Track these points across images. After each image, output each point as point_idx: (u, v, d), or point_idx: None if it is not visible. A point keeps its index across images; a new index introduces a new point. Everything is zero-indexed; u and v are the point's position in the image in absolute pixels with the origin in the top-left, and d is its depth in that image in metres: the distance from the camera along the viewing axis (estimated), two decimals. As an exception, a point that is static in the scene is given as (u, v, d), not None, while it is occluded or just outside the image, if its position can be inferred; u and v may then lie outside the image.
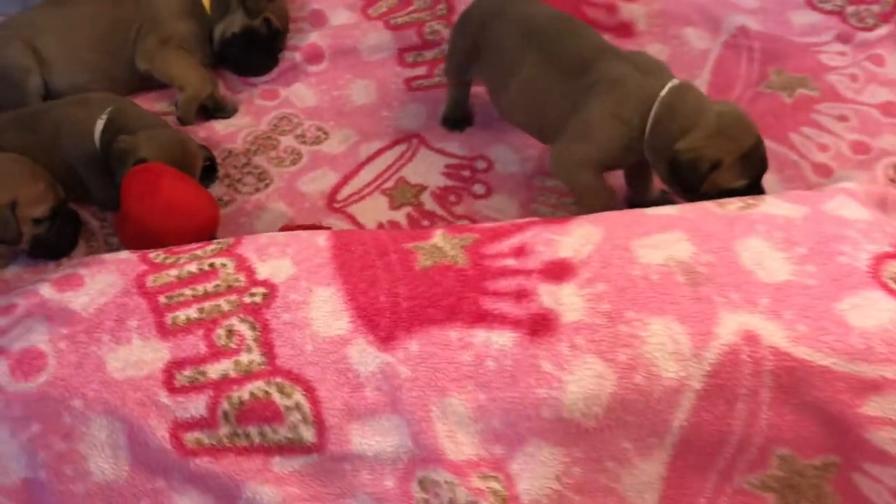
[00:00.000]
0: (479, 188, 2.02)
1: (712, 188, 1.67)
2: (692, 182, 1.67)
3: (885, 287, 1.33)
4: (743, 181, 1.68)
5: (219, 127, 2.19)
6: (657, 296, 1.35)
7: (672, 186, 1.75)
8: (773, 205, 1.52)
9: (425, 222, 1.93)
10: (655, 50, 2.31)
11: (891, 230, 1.46)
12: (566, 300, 1.37)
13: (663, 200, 1.83)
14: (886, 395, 1.26)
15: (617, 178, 1.91)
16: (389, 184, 2.03)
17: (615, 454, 1.33)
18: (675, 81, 1.74)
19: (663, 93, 1.71)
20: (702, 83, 2.19)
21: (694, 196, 1.68)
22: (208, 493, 1.33)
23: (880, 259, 1.37)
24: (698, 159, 1.65)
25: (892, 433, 1.26)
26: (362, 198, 2.00)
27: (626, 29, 2.36)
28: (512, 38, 1.87)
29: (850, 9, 2.35)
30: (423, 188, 2.01)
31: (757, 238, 1.42)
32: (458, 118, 2.14)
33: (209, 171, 2.02)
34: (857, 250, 1.39)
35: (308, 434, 1.33)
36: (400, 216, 1.97)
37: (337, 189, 2.03)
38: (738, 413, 1.30)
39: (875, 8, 2.34)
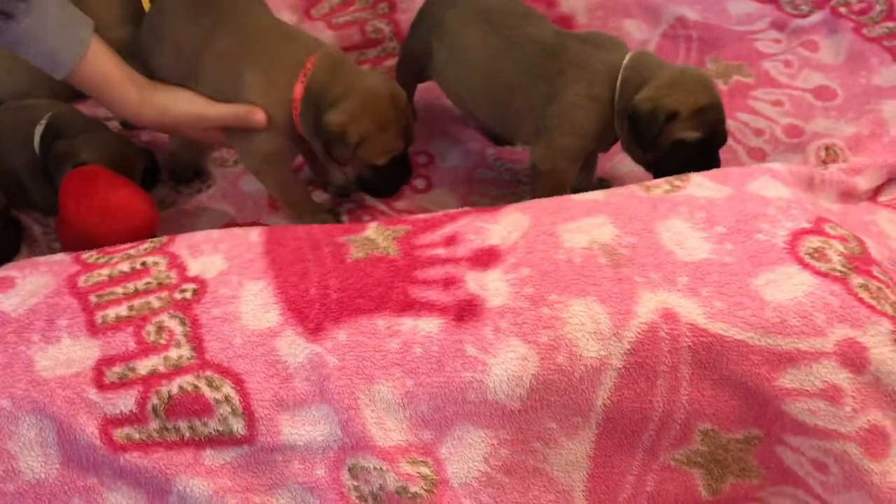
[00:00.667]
0: (420, 182, 2.04)
1: (667, 141, 1.69)
2: (650, 133, 1.68)
3: (800, 262, 1.36)
4: (697, 134, 1.69)
5: (162, 130, 2.20)
6: (579, 278, 1.37)
7: (632, 149, 1.76)
8: (699, 186, 1.54)
9: (366, 217, 1.95)
10: (595, 42, 2.34)
11: (811, 207, 1.49)
12: (491, 286, 1.39)
13: (601, 186, 1.85)
14: (801, 366, 1.29)
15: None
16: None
17: (541, 434, 1.35)
18: (635, 51, 1.78)
19: (625, 62, 1.74)
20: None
21: (653, 155, 1.71)
22: (139, 488, 1.34)
23: (797, 235, 1.40)
24: (656, 109, 1.67)
25: (807, 404, 1.29)
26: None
27: (566, 21, 2.39)
28: (470, 28, 1.85)
29: (786, -4, 2.40)
30: (364, 184, 2.02)
31: (678, 219, 1.45)
32: None
33: (152, 175, 2.03)
34: (775, 227, 1.41)
35: (238, 426, 1.34)
36: (341, 212, 1.98)
37: (279, 188, 2.04)
38: (658, 390, 1.32)
39: (810, -5, 2.38)
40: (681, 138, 1.69)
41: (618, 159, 2.04)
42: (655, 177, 1.67)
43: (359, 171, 1.78)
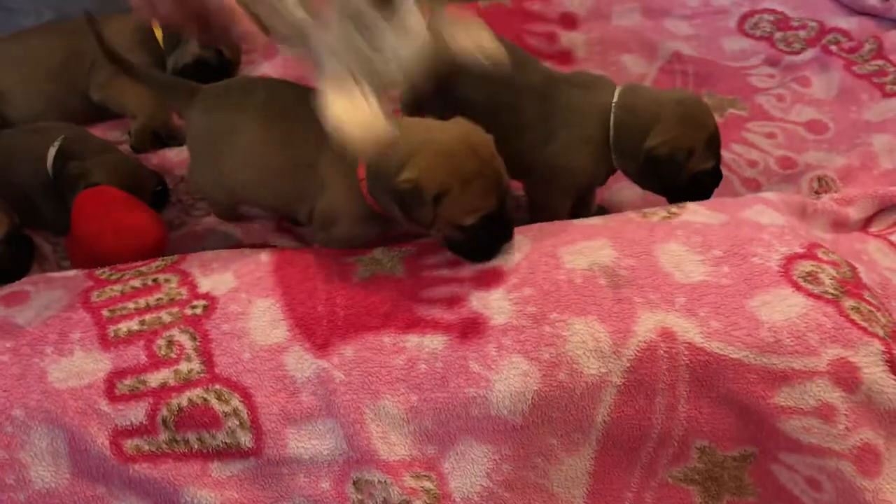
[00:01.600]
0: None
1: (687, 175, 1.72)
2: (674, 175, 1.71)
3: (794, 284, 1.41)
4: (711, 162, 1.74)
5: (171, 154, 2.25)
6: (580, 298, 1.42)
7: (649, 185, 1.79)
8: (695, 213, 1.60)
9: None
10: (594, 75, 2.41)
11: (803, 234, 1.54)
12: (495, 304, 1.43)
13: (601, 213, 1.90)
14: (795, 385, 1.33)
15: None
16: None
17: (542, 450, 1.38)
18: (622, 86, 1.80)
19: (615, 99, 1.76)
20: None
21: (675, 192, 1.74)
22: (148, 498, 1.36)
23: (791, 259, 1.45)
24: (675, 150, 1.69)
25: (802, 422, 1.33)
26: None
27: (566, 56, 2.46)
28: (470, 74, 1.83)
29: (779, 34, 2.48)
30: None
31: (676, 242, 1.49)
32: None
33: (161, 197, 2.08)
34: (769, 251, 1.46)
35: (245, 439, 1.37)
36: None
37: (285, 211, 2.09)
38: (657, 407, 1.36)
39: (802, 33, 2.46)
40: (700, 171, 1.73)
41: (616, 187, 2.09)
42: (671, 202, 1.72)
43: (445, 233, 1.51)
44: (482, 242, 1.52)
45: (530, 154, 1.82)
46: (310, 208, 1.66)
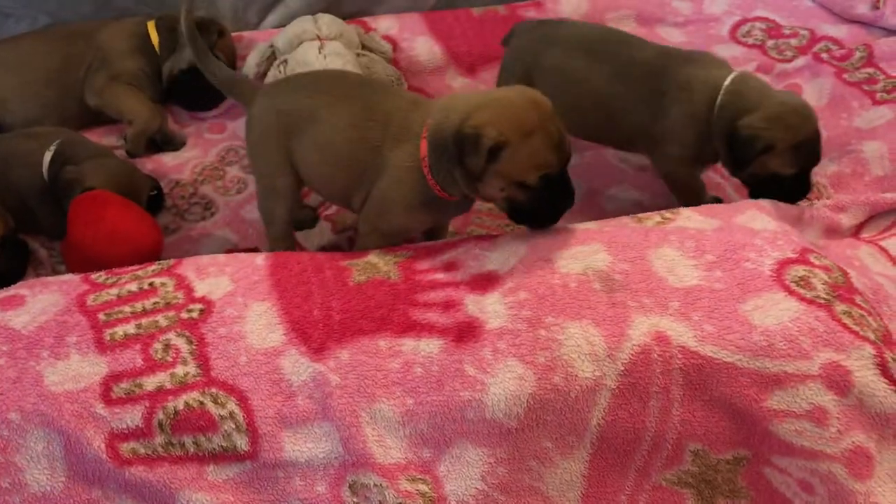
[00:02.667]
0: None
1: (762, 170, 1.79)
2: (743, 158, 1.79)
3: (786, 289, 1.42)
4: (791, 170, 1.79)
5: (167, 159, 2.26)
6: (574, 302, 1.42)
7: (726, 164, 1.86)
8: (689, 218, 1.61)
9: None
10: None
11: (796, 239, 1.56)
12: (490, 308, 1.44)
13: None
14: (788, 388, 1.34)
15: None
16: (331, 210, 2.10)
17: (537, 453, 1.38)
18: (737, 72, 1.87)
19: (727, 82, 1.83)
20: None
21: (743, 176, 1.82)
22: (143, 501, 1.36)
23: (783, 264, 1.47)
24: (754, 138, 1.76)
25: (794, 425, 1.34)
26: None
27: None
28: (577, 62, 1.96)
29: (771, 42, 2.50)
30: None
31: (669, 247, 1.51)
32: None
33: (156, 201, 2.08)
34: (762, 256, 1.48)
35: (241, 442, 1.37)
36: (342, 240, 2.03)
37: (281, 216, 2.10)
38: (651, 410, 1.37)
39: (793, 41, 2.49)
40: (777, 173, 1.78)
41: (611, 193, 2.11)
42: (750, 197, 1.79)
43: (509, 192, 1.51)
44: (545, 204, 1.53)
45: (638, 128, 1.91)
46: (366, 193, 1.69)
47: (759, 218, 1.61)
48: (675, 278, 1.45)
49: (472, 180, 1.52)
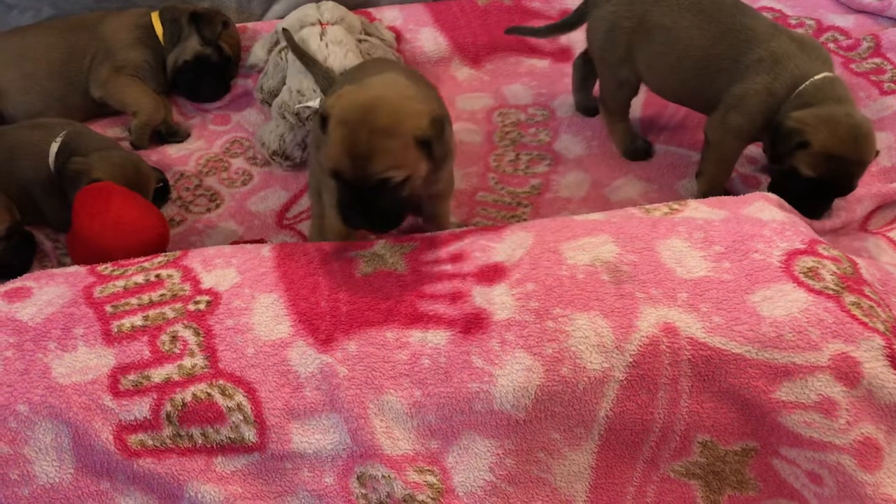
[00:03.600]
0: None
1: (790, 166, 1.77)
2: (779, 148, 1.78)
3: (795, 280, 1.42)
4: (811, 173, 1.76)
5: (171, 150, 2.26)
6: (582, 293, 1.42)
7: (768, 149, 1.85)
8: (696, 209, 1.60)
9: (371, 237, 1.99)
10: (594, 73, 2.42)
11: (804, 229, 1.55)
12: (497, 300, 1.44)
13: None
14: (796, 379, 1.34)
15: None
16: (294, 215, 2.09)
17: (545, 445, 1.38)
18: (832, 74, 1.84)
19: (818, 77, 1.81)
20: (636, 102, 2.28)
21: (777, 167, 1.82)
22: (151, 493, 1.37)
23: (792, 255, 1.46)
24: (793, 131, 1.75)
25: (803, 416, 1.34)
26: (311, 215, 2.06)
27: (565, 54, 2.48)
28: (685, 20, 1.94)
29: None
30: (369, 205, 2.07)
31: (677, 238, 1.50)
32: (638, 147, 2.17)
33: (162, 193, 2.08)
34: (770, 247, 1.47)
35: (249, 434, 1.37)
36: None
37: (287, 207, 2.10)
38: (659, 401, 1.37)
39: (800, 31, 2.46)
40: (795, 167, 1.77)
41: (617, 184, 2.10)
42: (770, 191, 1.77)
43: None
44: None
45: (720, 89, 1.89)
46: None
47: (767, 209, 1.61)
48: (683, 269, 1.44)
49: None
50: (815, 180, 1.77)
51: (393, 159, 1.47)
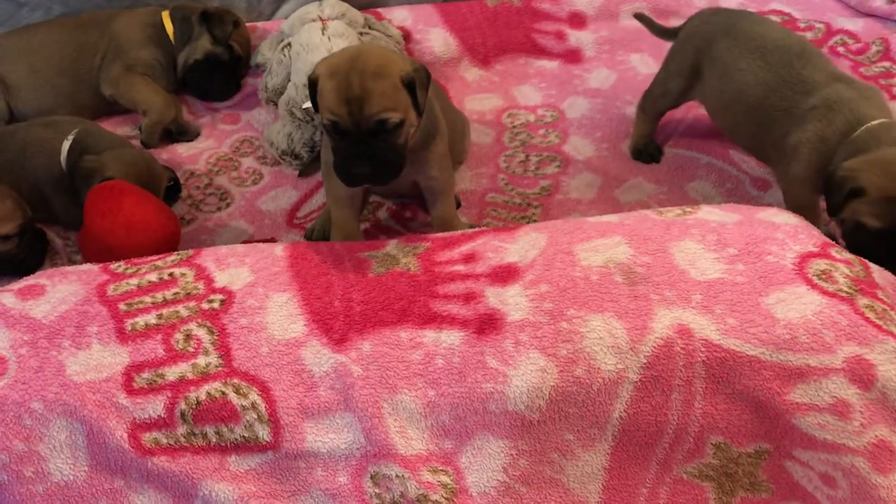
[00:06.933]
0: (434, 204, 2.09)
1: (850, 216, 1.65)
2: (832, 199, 1.67)
3: (809, 282, 1.42)
4: (878, 224, 1.62)
5: (181, 149, 2.26)
6: (596, 294, 1.42)
7: (827, 203, 1.75)
8: (709, 212, 1.60)
9: (382, 237, 2.00)
10: (603, 75, 2.43)
11: (816, 233, 1.55)
12: (511, 300, 1.44)
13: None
14: (811, 382, 1.34)
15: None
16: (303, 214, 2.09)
17: (559, 446, 1.39)
18: (892, 120, 1.75)
19: (873, 123, 1.72)
20: (645, 104, 2.29)
21: (837, 222, 1.70)
22: (165, 491, 1.37)
23: (805, 257, 1.46)
24: (846, 179, 1.64)
25: (817, 418, 1.34)
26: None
27: (574, 55, 2.48)
28: (744, 63, 1.90)
29: (786, 35, 2.49)
30: (380, 205, 2.08)
31: (691, 240, 1.50)
32: (651, 150, 2.17)
33: (172, 192, 2.08)
34: (783, 250, 1.47)
35: (264, 433, 1.37)
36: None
37: (297, 206, 2.10)
38: (673, 403, 1.37)
39: (809, 35, 2.47)
40: (862, 222, 1.63)
41: (626, 186, 2.11)
42: (846, 247, 1.63)
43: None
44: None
45: (777, 141, 1.84)
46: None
47: (780, 213, 1.61)
48: (696, 271, 1.45)
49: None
50: (885, 231, 1.62)
51: (387, 100, 1.55)
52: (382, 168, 1.58)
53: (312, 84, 1.61)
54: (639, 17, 2.29)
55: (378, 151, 1.56)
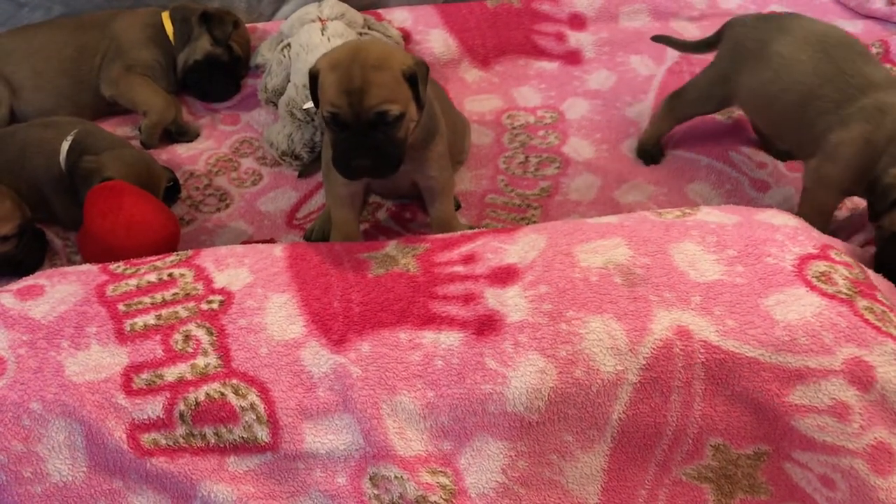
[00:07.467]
0: (433, 205, 2.09)
1: (889, 226, 1.64)
2: (877, 206, 1.66)
3: (808, 284, 1.42)
4: None
5: (181, 150, 2.26)
6: (596, 296, 1.42)
7: (869, 208, 1.73)
8: (709, 213, 1.61)
9: (382, 238, 2.00)
10: (603, 76, 2.43)
11: (816, 234, 1.55)
12: (511, 301, 1.44)
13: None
14: (810, 383, 1.34)
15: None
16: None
17: (558, 447, 1.38)
18: None
19: None
20: (646, 106, 2.29)
21: (876, 228, 1.69)
22: (164, 492, 1.37)
23: (805, 259, 1.46)
24: (891, 187, 1.62)
25: (816, 420, 1.34)
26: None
27: (574, 56, 2.48)
28: (804, 55, 1.87)
29: (786, 37, 2.48)
30: (380, 206, 2.07)
31: (690, 242, 1.50)
32: (655, 152, 2.16)
33: (172, 192, 2.08)
34: (783, 252, 1.47)
35: (262, 433, 1.37)
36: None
37: (297, 207, 2.10)
38: (672, 404, 1.37)
39: (809, 36, 2.47)
40: None
41: (626, 187, 2.11)
42: (876, 258, 1.64)
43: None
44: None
45: (818, 134, 1.79)
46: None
47: (779, 215, 1.61)
48: (696, 273, 1.45)
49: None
50: None
51: (387, 91, 1.55)
52: (382, 161, 1.58)
53: (313, 78, 1.62)
54: (658, 38, 2.28)
55: (378, 144, 1.56)
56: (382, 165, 1.59)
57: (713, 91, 2.06)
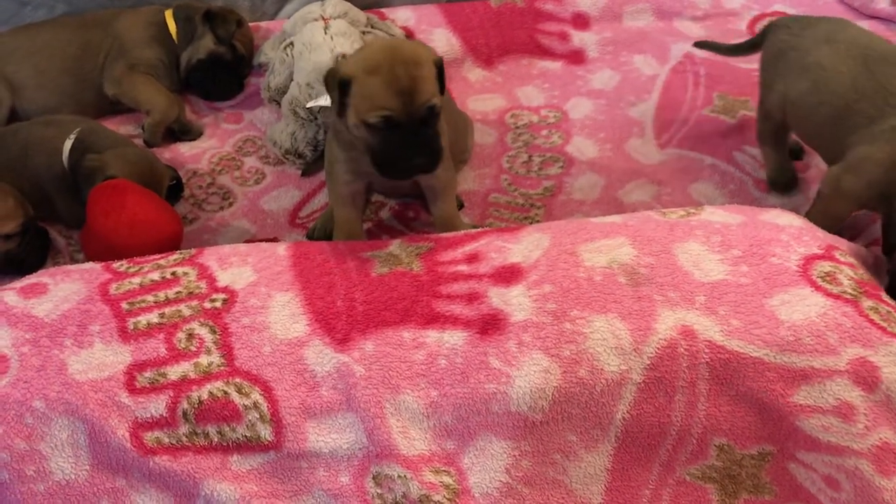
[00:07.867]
0: (436, 205, 2.09)
1: None
2: (892, 238, 1.63)
3: (813, 284, 1.41)
4: None
5: (184, 149, 2.26)
6: (600, 295, 1.42)
7: (886, 232, 1.71)
8: (713, 213, 1.60)
9: (385, 237, 1.99)
10: (606, 76, 2.42)
11: (821, 235, 1.55)
12: (515, 301, 1.43)
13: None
14: (815, 384, 1.34)
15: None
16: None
17: (562, 447, 1.38)
18: None
19: None
20: (650, 106, 2.29)
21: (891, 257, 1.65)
22: (167, 491, 1.37)
23: (810, 259, 1.46)
24: None
25: (821, 420, 1.33)
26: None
27: (578, 56, 2.48)
28: (844, 67, 1.83)
29: (790, 37, 2.48)
30: (382, 205, 2.07)
31: (695, 241, 1.50)
32: (787, 180, 2.06)
33: (175, 191, 2.08)
34: (788, 252, 1.47)
35: (266, 432, 1.37)
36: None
37: (300, 206, 2.10)
38: (677, 404, 1.37)
39: (813, 36, 2.46)
40: None
41: (629, 187, 2.10)
42: (891, 283, 1.60)
43: None
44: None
45: (848, 147, 1.76)
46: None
47: (783, 215, 1.61)
48: (700, 272, 1.44)
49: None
50: None
51: (431, 85, 1.60)
52: (434, 155, 1.61)
53: (344, 85, 1.58)
54: (701, 44, 2.26)
55: (428, 139, 1.59)
56: (435, 159, 1.62)
57: (769, 105, 2.01)
